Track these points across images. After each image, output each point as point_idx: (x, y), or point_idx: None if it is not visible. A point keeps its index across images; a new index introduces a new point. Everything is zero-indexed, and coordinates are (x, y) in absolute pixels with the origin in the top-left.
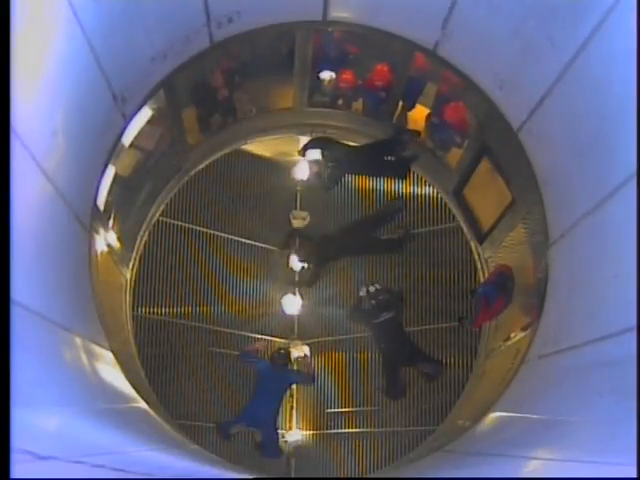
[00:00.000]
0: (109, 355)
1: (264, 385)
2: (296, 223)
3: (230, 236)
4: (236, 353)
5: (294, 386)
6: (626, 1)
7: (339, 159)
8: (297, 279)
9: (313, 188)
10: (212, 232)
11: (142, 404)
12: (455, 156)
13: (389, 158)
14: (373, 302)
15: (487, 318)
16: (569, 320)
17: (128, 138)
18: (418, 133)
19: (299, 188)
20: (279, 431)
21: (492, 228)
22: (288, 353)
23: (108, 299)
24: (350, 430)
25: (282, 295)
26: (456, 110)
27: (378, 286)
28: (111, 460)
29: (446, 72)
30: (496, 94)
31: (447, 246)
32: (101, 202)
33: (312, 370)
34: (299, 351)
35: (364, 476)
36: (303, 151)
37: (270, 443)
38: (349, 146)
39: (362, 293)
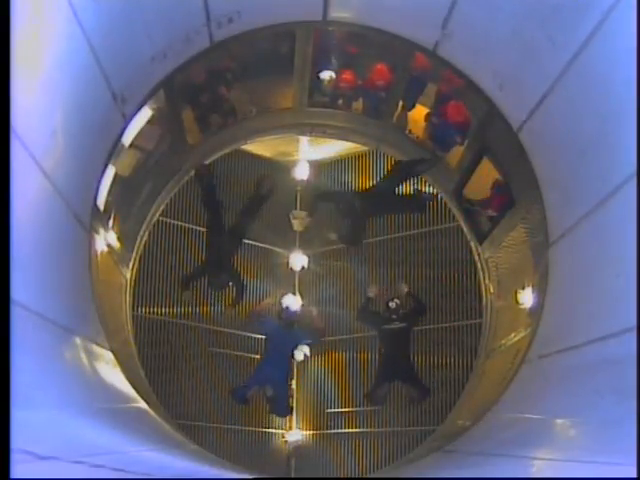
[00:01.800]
0: (109, 355)
1: (274, 346)
2: (296, 223)
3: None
4: (236, 353)
5: (294, 386)
6: (626, 1)
7: (354, 209)
8: (338, 238)
9: (313, 188)
10: None
11: (142, 404)
12: (455, 156)
13: (405, 194)
14: (394, 317)
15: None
16: (569, 320)
17: (128, 138)
18: (433, 160)
19: (299, 188)
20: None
21: (492, 228)
22: (295, 312)
23: (108, 299)
24: (350, 430)
25: (282, 295)
26: (457, 109)
27: (398, 301)
28: (111, 460)
29: (446, 72)
30: (496, 94)
31: (447, 246)
32: (101, 202)
33: (322, 326)
34: (299, 350)
35: (364, 476)
36: (313, 209)
37: (281, 401)
38: (357, 192)
39: (371, 294)
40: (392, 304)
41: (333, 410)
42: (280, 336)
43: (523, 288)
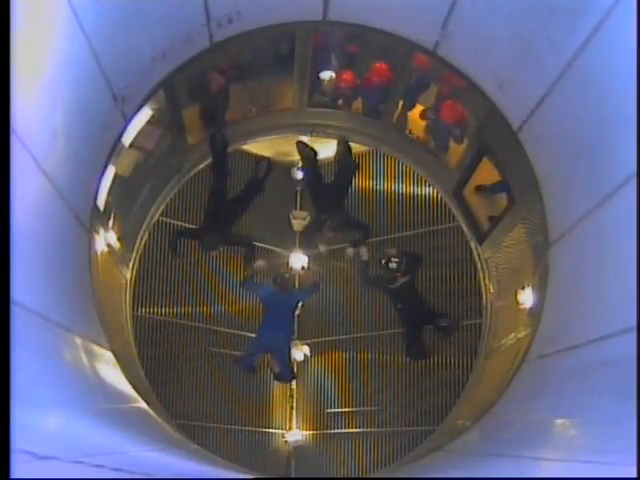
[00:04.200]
0: (109, 355)
1: (272, 311)
2: (296, 223)
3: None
4: (236, 353)
5: (294, 386)
6: (626, 1)
7: (334, 216)
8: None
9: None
10: None
11: (142, 404)
12: (455, 156)
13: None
14: (398, 274)
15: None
16: (569, 320)
17: (128, 138)
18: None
19: (299, 188)
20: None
21: (492, 228)
22: (291, 277)
23: (108, 299)
24: (350, 430)
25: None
26: (452, 109)
27: (396, 259)
28: (111, 460)
29: (446, 72)
30: (496, 94)
31: (447, 246)
32: (101, 202)
33: (315, 279)
34: (299, 350)
35: (364, 476)
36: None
37: (285, 368)
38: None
39: (364, 257)
40: (392, 264)
41: (333, 410)
42: (277, 300)
43: (523, 288)
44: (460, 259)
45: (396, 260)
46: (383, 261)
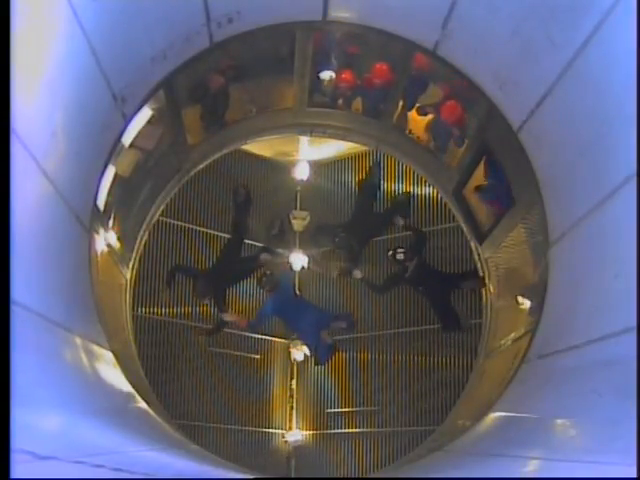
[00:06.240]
0: (109, 355)
1: (286, 315)
2: (296, 223)
3: (230, 236)
4: (236, 353)
5: (294, 386)
6: (626, 1)
7: (347, 238)
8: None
9: (313, 188)
10: (212, 232)
11: (142, 404)
12: (455, 156)
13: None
14: (407, 263)
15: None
16: (569, 320)
17: (128, 138)
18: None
19: (299, 188)
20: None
21: (492, 228)
22: (271, 273)
23: (108, 299)
24: (350, 430)
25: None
26: (451, 109)
27: (402, 249)
28: (111, 460)
29: (446, 72)
30: (496, 94)
31: (447, 246)
32: (101, 202)
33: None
34: (299, 350)
35: (364, 476)
36: (313, 243)
37: (319, 349)
38: (344, 222)
39: (358, 277)
40: (399, 255)
41: (333, 410)
42: (283, 303)
43: (523, 288)
44: (460, 259)
45: (402, 250)
46: (390, 254)
